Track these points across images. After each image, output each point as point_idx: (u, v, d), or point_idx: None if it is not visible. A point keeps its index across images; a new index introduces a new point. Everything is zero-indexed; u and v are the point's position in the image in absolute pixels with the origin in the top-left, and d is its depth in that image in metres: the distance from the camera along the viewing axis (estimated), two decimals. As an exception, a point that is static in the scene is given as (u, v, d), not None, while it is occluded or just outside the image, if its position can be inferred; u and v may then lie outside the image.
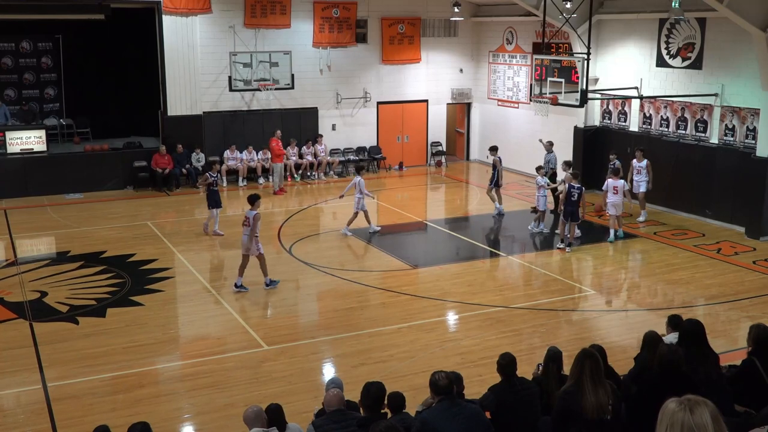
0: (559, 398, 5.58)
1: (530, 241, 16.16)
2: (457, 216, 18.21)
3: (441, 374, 5.74)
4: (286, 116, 22.35)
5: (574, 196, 14.85)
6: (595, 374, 5.35)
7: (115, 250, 15.08)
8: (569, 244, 15.11)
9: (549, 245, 15.80)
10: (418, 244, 16.65)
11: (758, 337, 6.45)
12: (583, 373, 5.36)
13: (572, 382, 5.45)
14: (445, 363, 9.45)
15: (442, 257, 15.40)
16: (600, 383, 5.35)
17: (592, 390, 5.29)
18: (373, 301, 12.51)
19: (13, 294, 12.60)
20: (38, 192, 19.69)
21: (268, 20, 21.64)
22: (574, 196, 14.86)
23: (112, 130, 22.69)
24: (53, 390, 9.21)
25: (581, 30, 18.42)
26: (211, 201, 16.01)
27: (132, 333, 10.99)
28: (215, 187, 16.12)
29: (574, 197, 14.85)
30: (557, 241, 15.55)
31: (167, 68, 20.77)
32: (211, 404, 8.88)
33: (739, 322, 11.47)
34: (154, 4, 20.58)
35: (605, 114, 20.30)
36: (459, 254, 15.53)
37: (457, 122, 25.79)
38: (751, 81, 16.02)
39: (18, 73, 22.84)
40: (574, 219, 15.00)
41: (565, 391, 5.51)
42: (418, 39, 23.76)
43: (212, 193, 15.97)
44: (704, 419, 2.88)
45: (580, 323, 11.71)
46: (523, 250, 15.68)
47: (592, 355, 5.48)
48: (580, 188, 14.93)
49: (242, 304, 12.37)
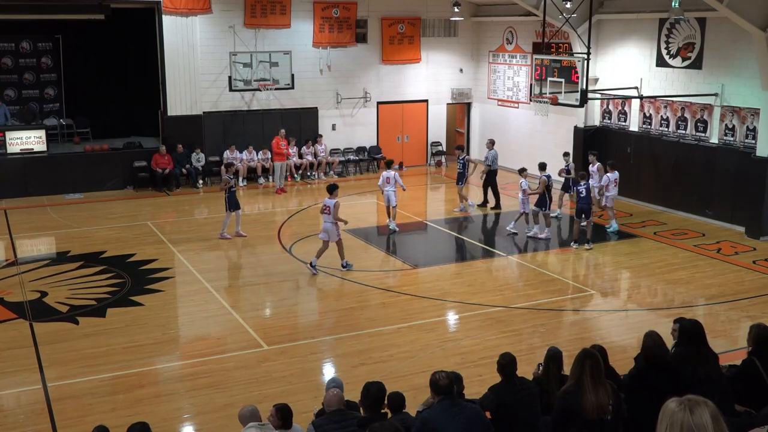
0: (559, 398, 5.58)
1: (530, 241, 16.13)
2: (457, 216, 18.21)
3: (441, 374, 5.74)
4: (286, 116, 22.35)
5: (582, 193, 15.10)
6: (595, 374, 5.35)
7: (115, 250, 15.07)
8: (587, 241, 15.23)
9: (549, 245, 15.80)
10: (418, 244, 16.65)
11: (758, 337, 6.45)
12: (584, 372, 5.35)
13: (572, 382, 5.45)
14: (445, 363, 9.45)
15: (442, 257, 15.40)
16: (600, 383, 5.35)
17: (592, 390, 5.29)
18: (373, 301, 12.51)
19: (13, 294, 12.60)
20: (38, 192, 19.69)
21: (268, 20, 21.64)
22: (582, 193, 15.10)
23: (112, 130, 22.69)
24: (53, 390, 9.21)
25: (581, 30, 18.42)
26: (232, 203, 15.75)
27: (132, 333, 10.99)
28: (234, 189, 15.90)
29: (583, 194, 15.09)
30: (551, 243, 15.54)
31: (167, 68, 20.77)
32: (211, 404, 8.88)
33: (739, 322, 11.47)
34: (154, 4, 20.57)
35: (605, 114, 20.30)
36: (459, 254, 15.52)
37: (457, 122, 25.79)
38: (751, 81, 16.02)
39: (18, 73, 22.83)
40: (588, 216, 15.21)
41: (565, 391, 5.51)
42: (418, 39, 23.76)
43: (231, 195, 15.74)
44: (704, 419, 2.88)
45: (580, 323, 11.71)
46: (523, 250, 15.68)
47: (593, 355, 5.48)
48: (586, 185, 15.16)
49: (242, 304, 12.38)
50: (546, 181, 15.70)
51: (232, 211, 15.82)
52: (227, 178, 15.85)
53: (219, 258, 15.08)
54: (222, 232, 15.87)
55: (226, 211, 15.85)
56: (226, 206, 15.79)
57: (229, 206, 15.75)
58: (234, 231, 15.95)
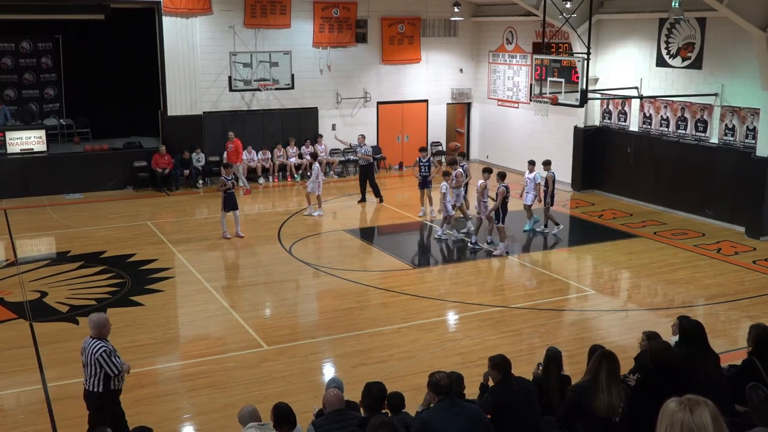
0: (571, 391, 5.60)
1: (530, 241, 16.13)
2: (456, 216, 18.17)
3: (441, 374, 5.74)
4: (286, 116, 22.35)
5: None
6: (611, 374, 5.40)
7: (115, 250, 15.07)
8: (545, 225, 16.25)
9: (548, 245, 15.80)
10: (418, 244, 16.65)
11: (758, 337, 6.45)
12: (600, 370, 5.39)
13: (587, 378, 5.48)
14: (445, 363, 9.45)
15: (443, 257, 15.40)
16: (615, 384, 5.40)
17: (606, 389, 5.33)
18: (373, 301, 12.51)
19: (13, 294, 12.60)
20: (38, 192, 19.68)
21: (268, 20, 21.64)
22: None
23: (112, 130, 22.68)
24: (53, 390, 9.20)
25: (581, 30, 18.42)
26: (228, 203, 15.73)
27: (132, 333, 10.98)
28: (232, 190, 15.84)
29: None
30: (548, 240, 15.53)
31: (167, 68, 20.76)
32: (211, 404, 8.87)
33: (739, 322, 11.47)
34: (154, 5, 20.57)
35: (605, 114, 20.29)
36: (459, 254, 15.51)
37: (457, 122, 25.79)
38: (751, 81, 16.02)
39: (18, 73, 22.83)
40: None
41: (579, 385, 5.53)
42: (418, 39, 23.76)
43: (229, 196, 15.72)
44: (704, 419, 2.88)
45: (580, 323, 11.70)
46: (523, 250, 15.67)
47: (611, 355, 5.55)
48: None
49: (242, 304, 12.37)
50: (504, 191, 14.55)
51: (228, 211, 15.82)
52: (224, 179, 15.86)
53: (219, 258, 15.08)
54: (224, 232, 15.88)
55: (222, 211, 15.87)
56: (222, 206, 15.81)
57: (225, 206, 15.75)
58: (234, 231, 15.95)
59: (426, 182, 17.68)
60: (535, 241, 16.13)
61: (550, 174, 16.11)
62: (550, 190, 16.05)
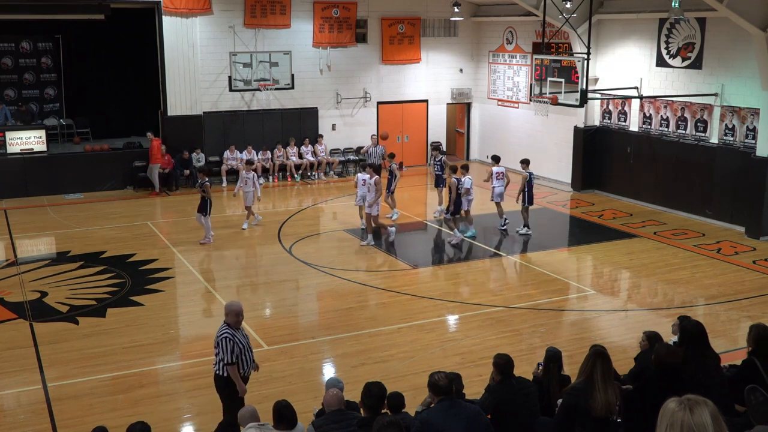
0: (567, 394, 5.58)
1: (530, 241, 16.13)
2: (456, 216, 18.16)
3: (441, 374, 5.74)
4: (286, 116, 22.35)
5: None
6: (606, 373, 5.37)
7: (115, 250, 15.07)
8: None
9: (548, 245, 15.80)
10: (418, 244, 16.65)
11: (758, 337, 6.44)
12: (595, 371, 5.37)
13: (582, 379, 5.44)
14: (445, 363, 9.46)
15: (442, 257, 15.40)
16: (610, 382, 5.38)
17: (602, 388, 5.30)
18: (373, 301, 12.51)
19: (13, 294, 12.60)
20: (38, 192, 19.68)
21: (268, 20, 21.64)
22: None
23: (112, 130, 22.70)
24: (53, 390, 9.21)
25: (581, 30, 18.42)
26: (201, 207, 15.42)
27: (132, 333, 10.99)
28: (204, 193, 15.35)
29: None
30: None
31: (167, 68, 20.77)
32: (211, 404, 8.84)
33: (739, 322, 11.47)
34: (154, 5, 20.57)
35: (605, 114, 20.30)
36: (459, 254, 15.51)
37: (457, 122, 25.79)
38: (751, 81, 16.03)
39: (18, 73, 22.84)
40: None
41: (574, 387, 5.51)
42: (418, 39, 23.76)
43: (202, 200, 15.40)
44: (704, 419, 2.88)
45: (580, 323, 11.70)
46: (523, 250, 15.68)
47: (603, 353, 5.50)
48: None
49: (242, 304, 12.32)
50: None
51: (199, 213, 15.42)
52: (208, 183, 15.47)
53: (219, 258, 15.07)
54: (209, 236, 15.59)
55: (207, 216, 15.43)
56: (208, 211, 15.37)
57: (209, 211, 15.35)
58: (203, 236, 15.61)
59: (441, 180, 17.90)
60: (535, 241, 16.11)
61: (525, 174, 16.01)
62: (521, 188, 15.97)
